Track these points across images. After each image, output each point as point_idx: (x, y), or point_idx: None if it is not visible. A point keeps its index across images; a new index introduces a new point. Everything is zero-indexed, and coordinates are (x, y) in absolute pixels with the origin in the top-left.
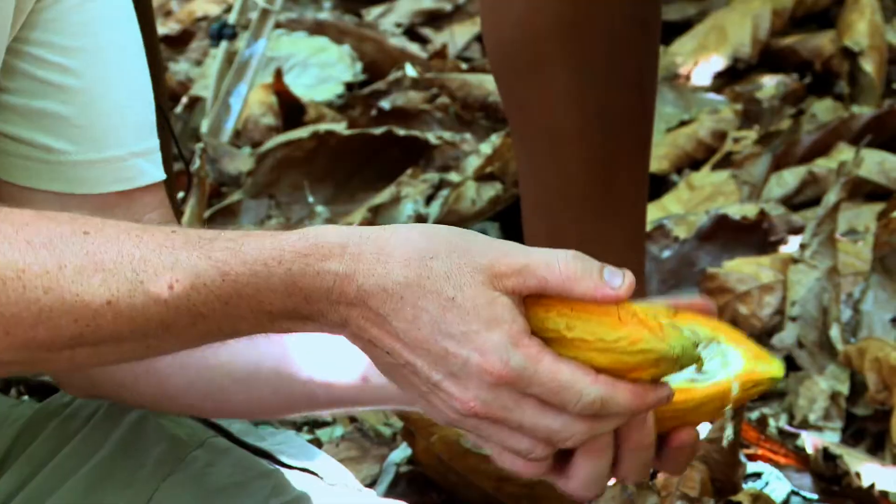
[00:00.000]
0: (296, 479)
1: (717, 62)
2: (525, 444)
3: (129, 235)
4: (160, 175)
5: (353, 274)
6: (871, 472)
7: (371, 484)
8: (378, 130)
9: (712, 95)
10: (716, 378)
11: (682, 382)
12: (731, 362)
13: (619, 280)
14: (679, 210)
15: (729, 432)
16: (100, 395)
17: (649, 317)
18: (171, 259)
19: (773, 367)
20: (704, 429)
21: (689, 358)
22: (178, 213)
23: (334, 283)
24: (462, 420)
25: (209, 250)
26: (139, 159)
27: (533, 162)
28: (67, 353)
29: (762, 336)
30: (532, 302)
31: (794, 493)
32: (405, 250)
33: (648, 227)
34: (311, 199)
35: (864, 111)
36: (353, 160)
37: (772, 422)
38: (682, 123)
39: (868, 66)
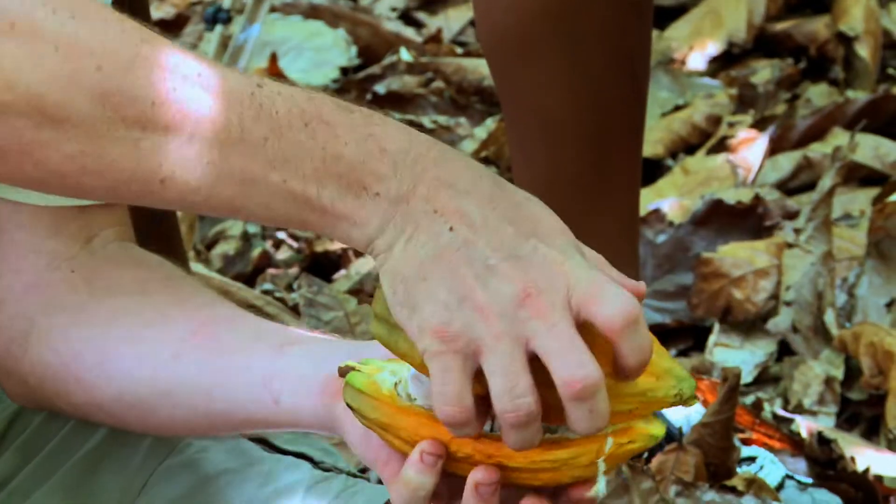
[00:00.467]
0: (290, 465)
1: (712, 47)
2: (523, 383)
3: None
4: None
5: (432, 142)
6: (865, 457)
7: (365, 469)
8: None
9: (707, 80)
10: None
11: (556, 435)
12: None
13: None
14: (674, 194)
15: (601, 486)
16: (39, 405)
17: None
18: (256, 80)
19: (653, 426)
20: (698, 413)
21: (689, 391)
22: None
23: (413, 143)
24: (498, 315)
25: (293, 90)
26: None
27: (525, 147)
28: (136, 133)
29: (757, 321)
30: None
31: (788, 477)
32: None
33: (643, 212)
34: None
35: (859, 96)
36: None
37: (766, 406)
38: (677, 108)
39: (863, 50)
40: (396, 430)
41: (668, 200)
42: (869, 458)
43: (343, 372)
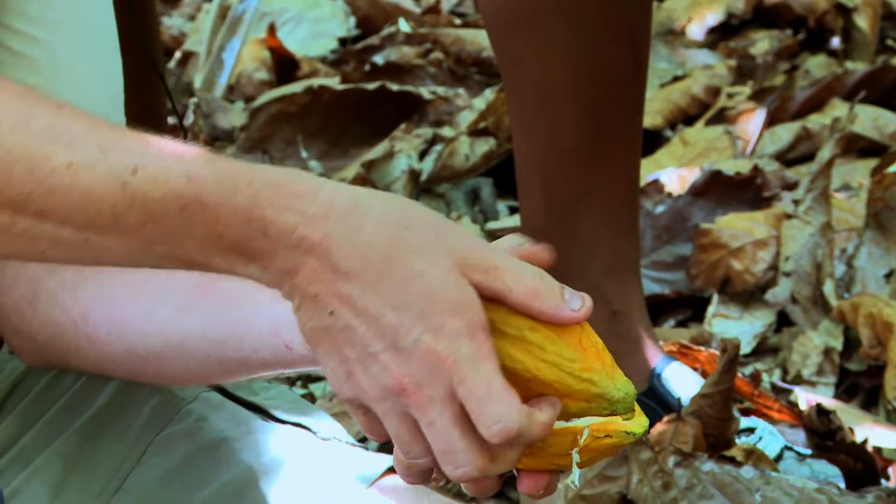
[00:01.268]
0: (288, 434)
1: (711, 18)
2: (417, 450)
3: (104, 121)
4: None
5: (322, 218)
6: (864, 428)
7: (364, 439)
8: (371, 85)
9: (706, 51)
10: (572, 423)
11: None
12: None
13: (579, 303)
14: (673, 165)
15: (576, 477)
16: (49, 362)
17: (606, 353)
18: (142, 146)
19: (633, 424)
20: (697, 384)
21: (624, 406)
22: None
23: (300, 223)
24: (379, 398)
25: (182, 152)
26: None
27: (525, 117)
28: (6, 218)
29: (755, 291)
30: (495, 303)
31: (787, 448)
32: (381, 212)
33: (642, 183)
34: (304, 154)
35: (857, 67)
36: (346, 115)
37: (765, 377)
38: (676, 79)
39: (862, 21)
40: None
41: (666, 171)
42: (867, 429)
43: None
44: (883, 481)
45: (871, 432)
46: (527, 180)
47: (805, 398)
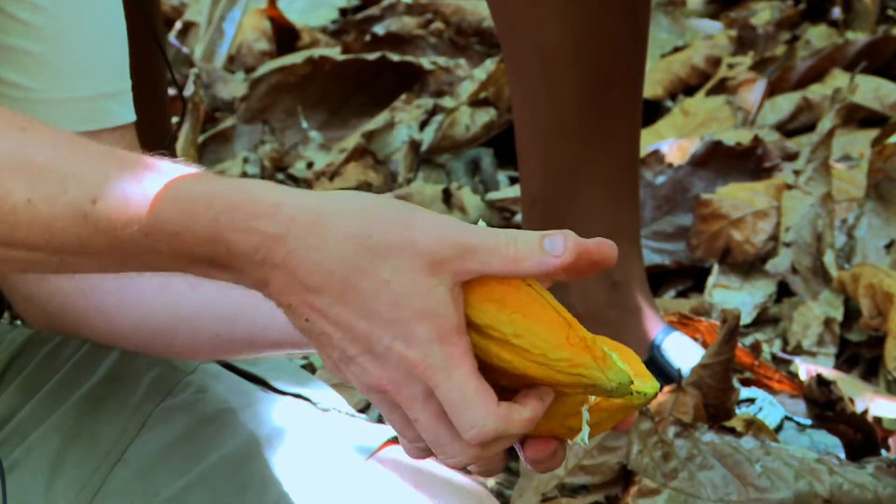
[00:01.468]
0: (288, 405)
1: None
2: (410, 435)
3: (67, 143)
4: (130, 117)
5: (283, 237)
6: (864, 398)
7: (363, 409)
8: (372, 56)
9: (707, 21)
10: None
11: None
12: None
13: (560, 246)
14: (673, 136)
15: (585, 435)
16: (57, 329)
17: (596, 345)
18: (100, 174)
19: (646, 385)
20: (698, 354)
21: (619, 393)
22: (174, 139)
23: (261, 244)
24: (366, 392)
25: (141, 176)
26: (108, 101)
27: (526, 86)
28: None
29: (756, 262)
30: (484, 295)
31: (787, 418)
32: (342, 224)
33: (642, 153)
34: (304, 125)
35: (858, 37)
36: (346, 85)
37: (765, 347)
38: (677, 49)
39: None
40: None
41: (667, 142)
42: (868, 400)
43: None
44: (883, 452)
45: (871, 403)
46: (527, 150)
47: (805, 368)
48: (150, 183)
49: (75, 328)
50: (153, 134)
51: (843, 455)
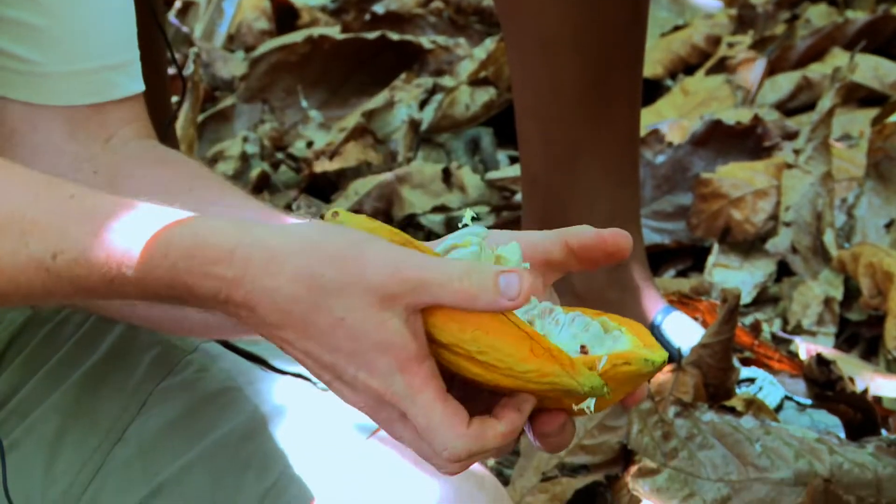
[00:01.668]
0: (288, 384)
1: None
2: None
3: (27, 192)
4: (136, 88)
5: (240, 280)
6: (864, 378)
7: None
8: (372, 35)
9: (707, 0)
10: (589, 354)
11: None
12: (618, 346)
13: (515, 290)
14: (673, 115)
15: (591, 402)
16: (73, 304)
17: (563, 353)
18: (59, 228)
19: (654, 354)
20: (698, 334)
21: (596, 394)
22: (173, 118)
23: (220, 287)
24: (354, 408)
25: (99, 227)
26: (112, 73)
27: (526, 68)
28: None
29: (756, 241)
30: (446, 313)
31: (787, 398)
32: (295, 264)
33: (642, 132)
34: (304, 104)
35: (858, 16)
36: (346, 65)
37: (765, 327)
38: (677, 28)
39: None
40: None
41: (667, 121)
42: (867, 379)
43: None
44: (883, 431)
45: (871, 382)
46: (527, 130)
47: (805, 348)
48: (107, 233)
49: (88, 303)
50: (153, 113)
51: (842, 435)
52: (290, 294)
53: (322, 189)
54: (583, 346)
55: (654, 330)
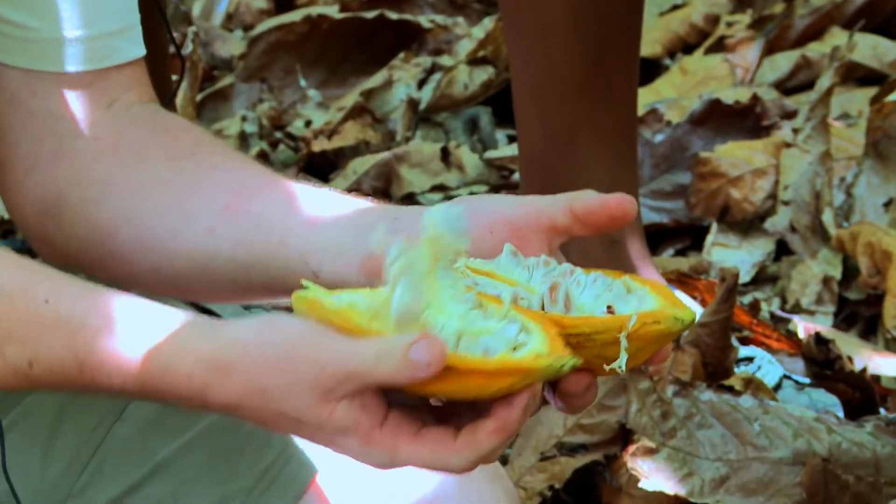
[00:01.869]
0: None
1: None
2: None
3: (3, 300)
4: (136, 52)
5: (204, 399)
6: (863, 357)
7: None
8: (370, 14)
9: None
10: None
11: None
12: (644, 306)
13: (425, 359)
14: (672, 94)
15: (623, 362)
16: (75, 271)
17: (516, 361)
18: (34, 338)
19: (683, 312)
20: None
21: (564, 368)
22: (172, 96)
23: (188, 402)
24: None
25: (73, 341)
26: (113, 38)
27: (523, 49)
28: None
29: (755, 220)
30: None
31: (786, 377)
32: (243, 378)
33: (641, 112)
34: (303, 83)
35: None
36: (345, 44)
37: (764, 306)
38: (675, 7)
39: None
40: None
41: (665, 100)
42: (866, 358)
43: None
44: (882, 410)
45: (869, 361)
46: (524, 111)
47: (804, 327)
48: (81, 349)
49: (91, 271)
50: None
51: (841, 414)
52: (249, 405)
53: (320, 168)
54: (609, 307)
55: None
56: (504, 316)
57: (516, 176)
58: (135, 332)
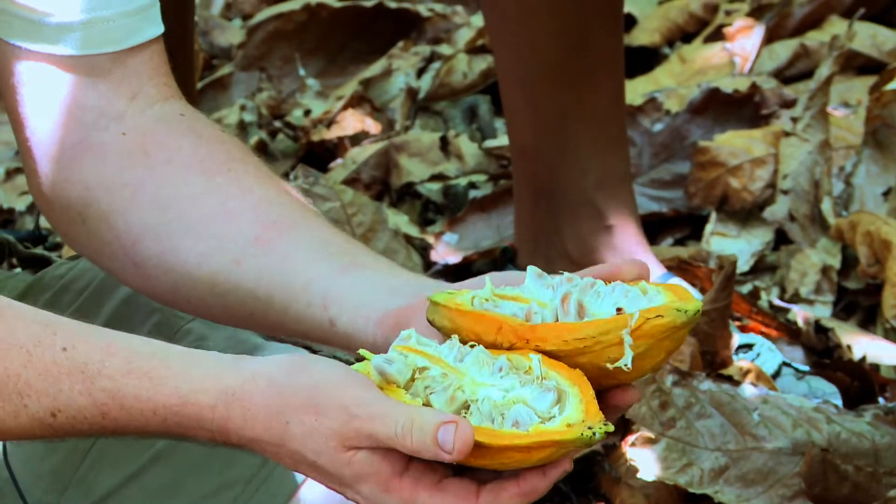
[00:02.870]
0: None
1: None
2: None
3: (20, 352)
4: (154, 31)
5: (226, 431)
6: (862, 346)
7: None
8: (369, 3)
9: None
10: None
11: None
12: (653, 304)
13: (450, 441)
14: (670, 83)
15: (628, 359)
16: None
17: (549, 434)
18: (54, 389)
19: (688, 304)
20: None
21: (602, 431)
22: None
23: (210, 436)
24: None
25: (91, 387)
26: (131, 18)
27: (507, 34)
28: None
29: (753, 209)
30: None
31: (785, 364)
32: (266, 413)
33: (640, 101)
34: (302, 72)
35: None
36: (344, 33)
37: (763, 296)
38: None
39: None
40: (459, 331)
41: (664, 89)
42: (865, 347)
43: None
44: (881, 399)
45: (868, 350)
46: (512, 100)
47: (803, 316)
48: (100, 395)
49: (110, 272)
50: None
51: (840, 402)
52: (269, 439)
53: (320, 157)
54: (619, 309)
55: None
56: (539, 379)
57: None
58: (156, 370)
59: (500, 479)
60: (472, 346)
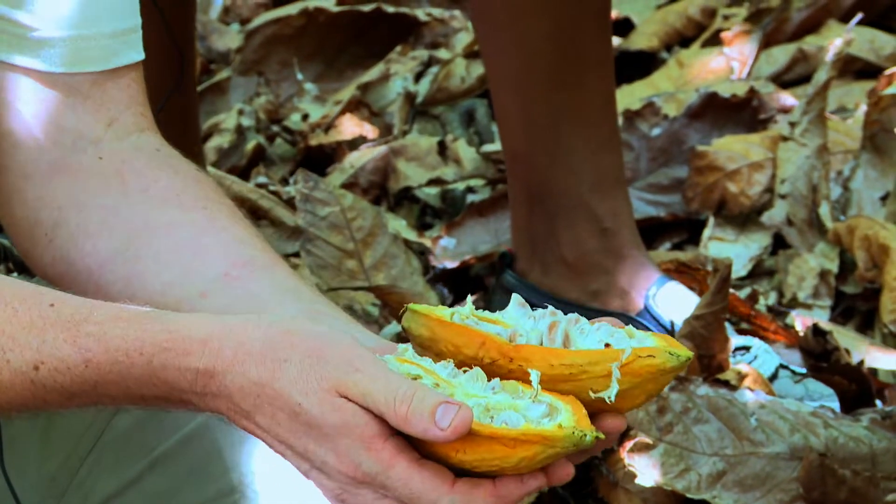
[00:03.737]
0: None
1: None
2: None
3: (6, 308)
4: (133, 56)
5: (212, 370)
6: (859, 350)
7: None
8: (367, 7)
9: None
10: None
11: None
12: (644, 345)
13: (448, 421)
14: (668, 88)
15: (613, 392)
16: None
17: (538, 429)
18: (37, 340)
19: (679, 349)
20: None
21: (592, 438)
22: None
23: (196, 379)
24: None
25: (76, 333)
26: (111, 40)
27: (496, 38)
28: None
29: (751, 214)
30: (425, 446)
31: (782, 366)
32: (263, 348)
33: (638, 105)
34: (300, 77)
35: None
36: (342, 37)
37: (761, 300)
38: (672, 1)
39: None
40: (437, 342)
41: (662, 94)
42: (863, 352)
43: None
44: (878, 403)
45: (866, 354)
46: (504, 104)
47: (801, 320)
48: (85, 340)
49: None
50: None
51: (837, 406)
52: (254, 377)
53: (317, 162)
54: (607, 344)
55: (648, 300)
56: (534, 396)
57: None
58: (146, 315)
59: (477, 478)
60: (465, 371)
